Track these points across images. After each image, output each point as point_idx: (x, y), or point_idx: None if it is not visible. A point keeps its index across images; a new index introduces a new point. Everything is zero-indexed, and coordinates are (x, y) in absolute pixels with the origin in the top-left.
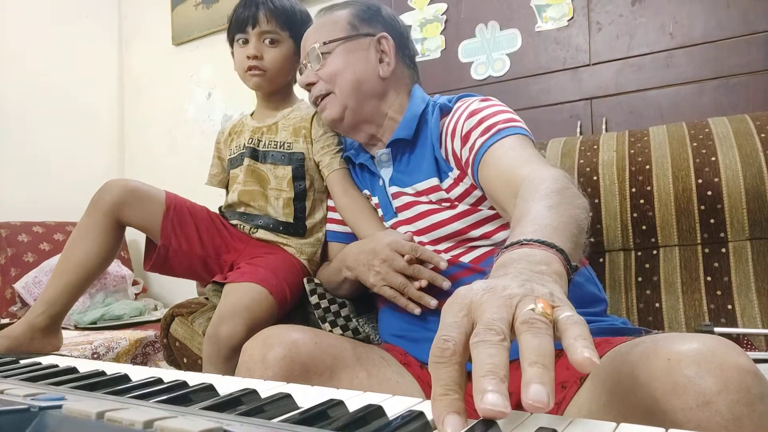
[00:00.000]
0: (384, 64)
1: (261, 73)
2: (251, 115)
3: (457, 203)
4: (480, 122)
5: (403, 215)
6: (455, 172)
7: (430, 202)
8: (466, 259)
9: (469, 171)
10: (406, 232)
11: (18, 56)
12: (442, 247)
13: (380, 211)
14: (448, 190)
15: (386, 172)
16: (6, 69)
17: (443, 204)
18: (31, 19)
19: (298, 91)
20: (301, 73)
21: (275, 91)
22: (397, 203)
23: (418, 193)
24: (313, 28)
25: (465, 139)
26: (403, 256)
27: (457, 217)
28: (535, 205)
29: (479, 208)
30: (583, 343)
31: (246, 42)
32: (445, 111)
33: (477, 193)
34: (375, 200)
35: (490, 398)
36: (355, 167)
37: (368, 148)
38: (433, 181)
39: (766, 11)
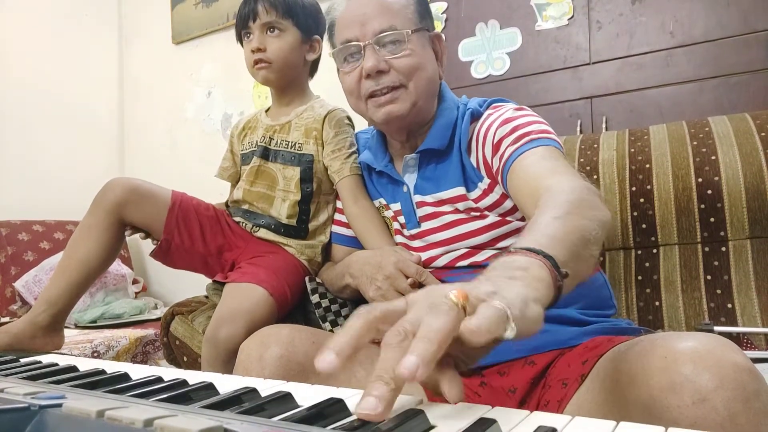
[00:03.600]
0: (439, 63)
1: (267, 65)
2: (266, 111)
3: (487, 213)
4: (513, 131)
5: (426, 225)
6: (485, 182)
7: (457, 211)
8: (480, 258)
9: (499, 179)
10: (424, 261)
11: (18, 56)
12: (462, 252)
13: (401, 219)
14: (476, 201)
15: (410, 179)
16: (6, 69)
17: (472, 214)
18: (31, 19)
19: (314, 86)
20: (338, 57)
21: (287, 85)
22: (420, 213)
23: (440, 202)
24: (377, 7)
25: (496, 147)
26: (407, 277)
27: (487, 229)
28: (543, 216)
29: (509, 219)
30: (476, 318)
31: (251, 37)
32: (475, 116)
33: (508, 204)
34: (396, 207)
35: (366, 402)
36: (371, 173)
37: (394, 145)
38: (459, 190)
39: (766, 10)
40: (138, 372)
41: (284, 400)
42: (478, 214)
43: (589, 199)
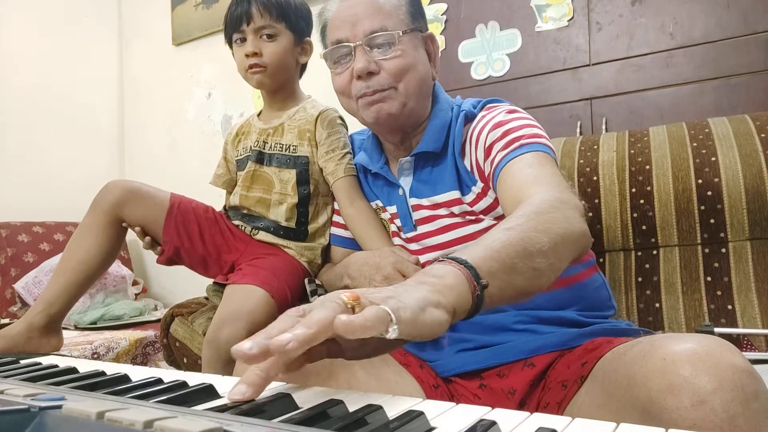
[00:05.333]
0: (432, 63)
1: (262, 69)
2: (258, 115)
3: (482, 217)
4: (504, 135)
5: (422, 228)
6: (479, 185)
7: (452, 215)
8: None
9: (491, 185)
10: (422, 264)
11: (18, 56)
12: None
13: (398, 222)
14: (471, 204)
15: (406, 181)
16: (6, 69)
17: (467, 217)
18: (31, 19)
19: (304, 86)
20: (329, 58)
21: (279, 87)
22: (416, 216)
23: (436, 206)
24: (369, 8)
25: (488, 151)
26: (405, 278)
27: (482, 233)
28: (496, 228)
29: None
30: (354, 316)
31: (244, 40)
32: (469, 118)
33: (501, 208)
34: (392, 210)
35: (245, 344)
36: (367, 175)
37: (389, 147)
38: (454, 194)
39: (766, 11)
40: (138, 373)
41: (284, 401)
42: (473, 218)
43: (550, 213)
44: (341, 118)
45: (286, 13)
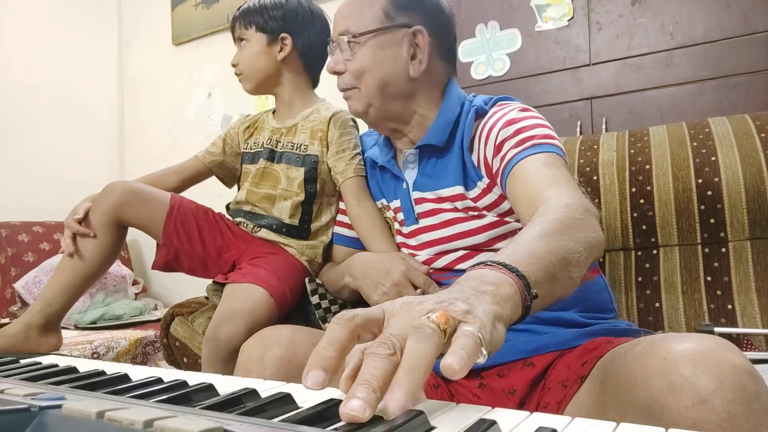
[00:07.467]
0: (416, 61)
1: (240, 75)
2: (273, 112)
3: (485, 213)
4: (516, 133)
5: (424, 222)
6: (485, 181)
7: (456, 210)
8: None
9: (498, 181)
10: (423, 263)
11: (18, 56)
12: (461, 254)
13: (401, 216)
14: (475, 200)
15: (410, 174)
16: (6, 69)
17: (470, 213)
18: (31, 19)
19: (318, 90)
20: (331, 53)
21: (272, 87)
22: (419, 209)
23: (440, 199)
24: (346, 8)
25: (498, 148)
26: (415, 287)
27: (484, 229)
28: (530, 230)
29: (507, 219)
30: (454, 352)
31: None
32: (480, 113)
33: (506, 204)
34: (396, 204)
35: (353, 403)
36: (375, 169)
37: (394, 140)
38: (458, 189)
39: (766, 11)
40: (138, 373)
41: (284, 401)
42: (476, 213)
43: (581, 219)
44: (354, 120)
45: (252, 18)
